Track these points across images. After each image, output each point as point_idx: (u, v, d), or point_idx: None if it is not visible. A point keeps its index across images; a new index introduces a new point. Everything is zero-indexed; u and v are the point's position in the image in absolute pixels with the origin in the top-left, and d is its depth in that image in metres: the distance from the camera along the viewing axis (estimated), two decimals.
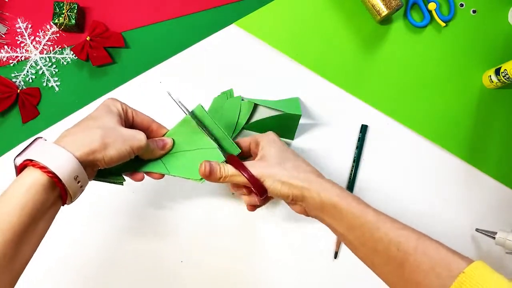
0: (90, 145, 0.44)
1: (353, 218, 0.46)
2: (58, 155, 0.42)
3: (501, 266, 0.64)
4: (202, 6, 0.68)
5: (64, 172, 0.41)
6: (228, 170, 0.49)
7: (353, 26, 0.68)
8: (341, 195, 0.47)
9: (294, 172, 0.49)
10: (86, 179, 0.45)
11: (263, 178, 0.48)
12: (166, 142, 0.53)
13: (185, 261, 0.64)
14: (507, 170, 0.66)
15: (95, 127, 0.45)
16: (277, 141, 0.53)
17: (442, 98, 0.67)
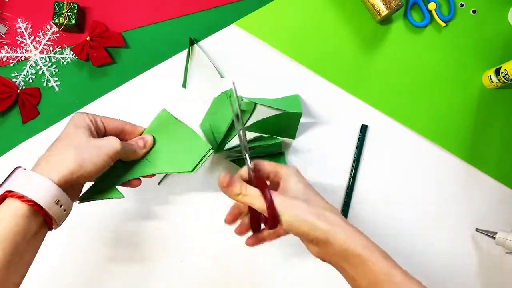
0: (66, 167, 0.44)
1: (380, 274, 0.43)
2: (36, 182, 0.42)
3: (501, 266, 0.65)
4: (202, 6, 0.68)
5: (44, 199, 0.41)
6: (247, 188, 0.46)
7: (353, 26, 0.68)
8: (368, 247, 0.44)
9: (320, 210, 0.45)
10: (69, 202, 0.45)
11: (284, 209, 0.44)
12: (146, 140, 0.53)
13: (185, 261, 0.64)
14: (507, 170, 0.66)
15: (67, 147, 0.45)
16: (301, 176, 0.49)
17: (442, 98, 0.67)
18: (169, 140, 0.54)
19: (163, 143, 0.53)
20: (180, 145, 0.53)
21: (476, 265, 0.65)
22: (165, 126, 0.54)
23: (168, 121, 0.54)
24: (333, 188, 0.66)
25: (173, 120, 0.54)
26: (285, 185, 0.48)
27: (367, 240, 0.45)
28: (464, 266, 0.65)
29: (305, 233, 0.44)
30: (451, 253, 0.65)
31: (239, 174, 0.50)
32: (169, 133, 0.54)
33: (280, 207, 0.44)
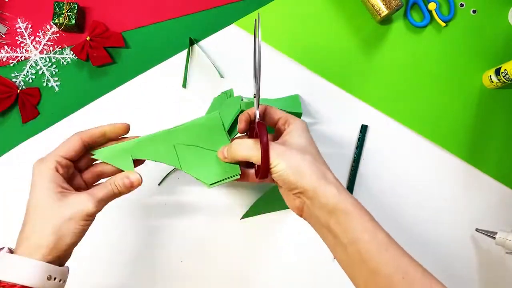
0: (46, 246, 0.42)
1: (363, 231, 0.42)
2: (22, 267, 0.41)
3: (501, 266, 0.65)
4: (202, 6, 0.68)
5: (35, 281, 0.41)
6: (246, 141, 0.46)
7: (353, 26, 0.68)
8: (356, 205, 0.43)
9: (313, 166, 0.44)
10: (63, 272, 0.44)
11: (277, 160, 0.43)
12: (132, 179, 0.48)
13: (185, 261, 0.64)
14: (507, 170, 0.66)
15: (41, 224, 0.43)
16: (307, 131, 0.48)
17: (442, 98, 0.67)
18: (204, 143, 0.51)
19: (197, 142, 0.51)
20: (212, 155, 0.51)
21: (476, 265, 0.65)
22: (211, 130, 0.51)
23: (215, 126, 0.51)
24: None
25: (220, 128, 0.52)
26: (289, 135, 0.47)
27: (356, 200, 0.44)
28: (464, 266, 0.65)
29: (293, 183, 0.43)
30: (451, 253, 0.65)
31: (244, 118, 0.50)
32: (209, 136, 0.51)
33: (274, 155, 0.43)
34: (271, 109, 0.50)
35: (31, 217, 0.44)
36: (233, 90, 0.66)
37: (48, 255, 0.42)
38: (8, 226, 0.65)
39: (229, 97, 0.66)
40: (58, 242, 0.43)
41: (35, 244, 0.43)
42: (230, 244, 0.65)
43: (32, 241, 0.43)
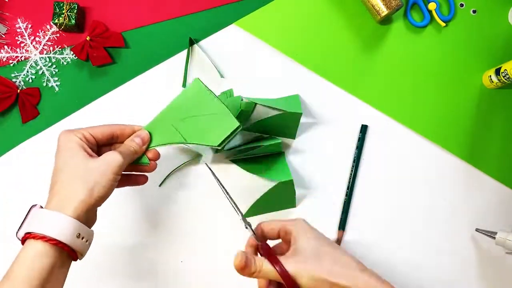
0: (77, 198, 0.44)
1: None
2: (54, 220, 0.43)
3: (501, 266, 0.65)
4: (202, 6, 0.68)
5: (65, 235, 0.42)
6: (262, 264, 0.44)
7: (353, 26, 0.68)
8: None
9: (335, 266, 0.43)
10: (89, 232, 0.45)
11: (299, 275, 0.43)
12: (142, 136, 0.51)
13: (185, 261, 0.64)
14: (507, 170, 0.66)
15: (71, 178, 0.45)
16: (311, 229, 0.47)
17: (442, 98, 0.67)
18: (197, 111, 0.52)
19: (191, 113, 0.52)
20: (209, 118, 0.52)
21: (476, 265, 0.65)
22: (196, 96, 0.52)
23: (199, 92, 0.52)
24: (333, 188, 0.66)
25: (205, 91, 0.52)
26: (296, 244, 0.46)
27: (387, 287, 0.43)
28: (464, 266, 0.65)
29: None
30: (451, 253, 0.65)
31: (249, 243, 0.49)
32: (199, 104, 0.52)
33: (295, 274, 0.43)
34: (265, 226, 0.49)
35: (60, 176, 0.45)
36: (233, 90, 0.66)
37: (79, 209, 0.43)
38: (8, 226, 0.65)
39: (229, 97, 0.66)
40: (89, 194, 0.44)
41: (66, 197, 0.44)
42: (230, 244, 0.65)
43: (63, 195, 0.44)
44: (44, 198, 0.66)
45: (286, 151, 0.66)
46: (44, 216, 0.43)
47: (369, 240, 0.65)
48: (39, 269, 0.41)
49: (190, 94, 0.53)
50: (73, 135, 0.47)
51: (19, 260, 0.42)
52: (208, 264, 0.64)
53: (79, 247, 0.44)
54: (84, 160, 0.46)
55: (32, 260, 0.41)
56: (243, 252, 0.45)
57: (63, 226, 0.42)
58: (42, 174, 0.65)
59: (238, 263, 0.45)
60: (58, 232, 0.42)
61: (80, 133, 0.48)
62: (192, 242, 0.65)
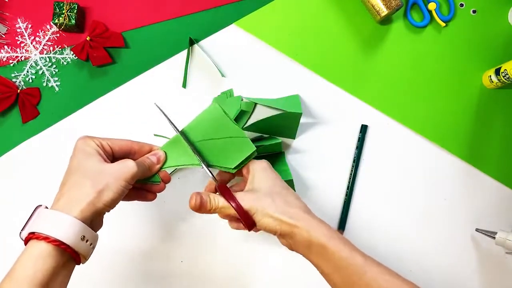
0: (85, 200, 0.43)
1: (340, 259, 0.46)
2: (59, 220, 0.42)
3: (501, 266, 0.65)
4: (202, 6, 0.68)
5: (69, 237, 0.41)
6: (219, 201, 0.48)
7: (353, 26, 0.68)
8: (328, 235, 0.47)
9: (285, 207, 0.48)
10: (94, 235, 0.45)
11: (253, 211, 0.47)
12: (159, 155, 0.52)
13: (185, 261, 0.64)
14: (507, 170, 0.66)
15: (82, 179, 0.44)
16: (269, 171, 0.52)
17: (442, 98, 0.67)
18: (214, 133, 0.53)
19: (209, 135, 0.53)
20: (226, 142, 0.53)
21: (476, 265, 0.65)
22: (214, 120, 0.53)
23: (218, 116, 0.53)
24: (333, 188, 0.66)
25: (223, 116, 0.53)
26: (253, 183, 0.50)
27: (328, 228, 0.48)
28: (464, 266, 0.65)
29: (272, 229, 0.48)
30: (451, 253, 0.65)
31: (208, 186, 0.54)
32: (217, 127, 0.53)
33: (249, 209, 0.47)
34: None
35: (71, 177, 0.45)
36: (233, 90, 0.66)
37: (85, 211, 0.43)
38: (8, 225, 0.65)
39: (229, 97, 0.66)
40: (97, 199, 0.43)
41: (74, 198, 0.43)
42: (230, 244, 0.65)
43: (72, 197, 0.43)
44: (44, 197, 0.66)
45: (286, 151, 0.66)
46: (48, 217, 0.42)
47: (369, 240, 0.65)
48: (41, 271, 0.40)
49: (208, 116, 0.53)
50: (91, 141, 0.48)
51: (21, 260, 0.41)
52: (208, 264, 0.64)
53: (83, 250, 0.43)
54: (98, 163, 0.46)
55: (35, 261, 0.41)
56: (197, 193, 0.48)
57: (67, 227, 0.42)
58: (42, 174, 0.65)
59: (193, 203, 0.48)
60: (63, 233, 0.41)
61: (98, 140, 0.48)
62: (192, 242, 0.65)
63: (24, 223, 0.44)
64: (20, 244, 0.43)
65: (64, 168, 0.47)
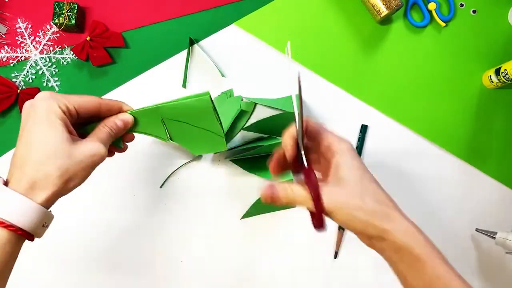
0: (51, 189, 0.40)
1: (436, 278, 0.40)
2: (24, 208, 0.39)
3: (501, 266, 0.65)
4: (202, 6, 0.68)
5: (32, 225, 0.39)
6: (295, 194, 0.41)
7: (353, 26, 0.68)
8: (425, 246, 0.41)
9: (376, 205, 0.41)
10: (51, 218, 0.42)
11: (336, 209, 0.40)
12: (126, 120, 0.47)
13: (185, 261, 0.64)
14: (507, 170, 0.66)
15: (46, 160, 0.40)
16: (356, 157, 0.43)
17: (442, 98, 0.67)
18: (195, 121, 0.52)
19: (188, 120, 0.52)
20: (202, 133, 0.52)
21: (476, 265, 0.65)
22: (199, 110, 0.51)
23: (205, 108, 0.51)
24: None
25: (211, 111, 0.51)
26: (339, 172, 0.41)
27: (425, 239, 0.42)
28: (464, 266, 0.65)
29: (359, 231, 0.41)
30: (451, 253, 0.65)
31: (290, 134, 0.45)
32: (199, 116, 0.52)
33: (333, 209, 0.40)
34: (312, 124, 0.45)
35: (33, 152, 0.40)
36: (233, 90, 0.66)
37: (50, 200, 0.40)
38: None
39: (229, 97, 0.66)
40: (64, 186, 0.40)
41: (38, 183, 0.39)
42: (230, 244, 0.65)
43: (35, 178, 0.39)
44: None
45: None
46: (13, 200, 0.39)
47: None
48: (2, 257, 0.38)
49: (194, 104, 0.52)
50: (56, 105, 0.41)
51: None
52: (208, 264, 0.64)
53: (40, 234, 0.41)
54: (65, 143, 0.41)
55: None
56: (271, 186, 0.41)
57: (33, 215, 0.39)
58: None
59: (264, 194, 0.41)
60: (27, 221, 0.38)
61: (63, 103, 0.42)
62: (192, 242, 0.65)
63: None
64: None
65: None
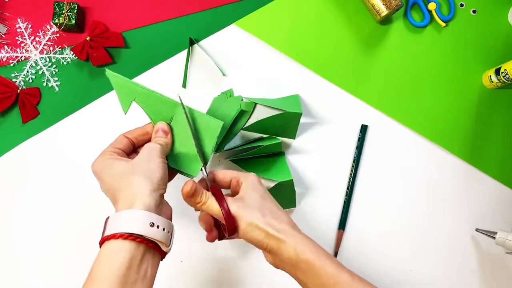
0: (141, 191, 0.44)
1: (327, 277, 0.45)
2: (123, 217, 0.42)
3: (501, 266, 0.65)
4: (202, 6, 0.68)
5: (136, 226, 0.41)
6: (209, 198, 0.48)
7: (353, 26, 0.68)
8: (315, 252, 0.46)
9: (274, 221, 0.47)
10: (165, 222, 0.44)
11: (239, 217, 0.46)
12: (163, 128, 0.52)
13: (185, 261, 0.64)
14: (507, 170, 0.66)
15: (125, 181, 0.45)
16: (259, 185, 0.51)
17: (442, 98, 0.67)
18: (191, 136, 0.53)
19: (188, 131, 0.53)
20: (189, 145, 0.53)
21: (476, 265, 0.65)
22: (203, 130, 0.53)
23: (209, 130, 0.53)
24: (333, 188, 0.66)
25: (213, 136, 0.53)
26: (243, 193, 0.49)
27: (315, 246, 0.47)
28: (464, 266, 0.65)
29: (259, 242, 0.47)
30: (451, 253, 0.65)
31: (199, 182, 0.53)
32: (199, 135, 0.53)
33: (236, 215, 0.46)
34: (218, 173, 0.53)
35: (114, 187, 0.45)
36: (233, 90, 0.66)
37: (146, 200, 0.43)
38: (8, 225, 0.65)
39: (229, 97, 0.66)
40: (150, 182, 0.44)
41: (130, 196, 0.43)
42: (230, 244, 0.65)
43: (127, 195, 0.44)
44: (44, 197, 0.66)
45: (286, 151, 0.66)
46: (114, 219, 0.43)
47: (369, 240, 0.65)
48: (116, 264, 0.40)
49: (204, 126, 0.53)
50: (101, 158, 0.48)
51: (96, 261, 0.41)
52: (208, 264, 0.64)
53: (157, 236, 0.42)
54: (125, 162, 0.47)
55: (107, 257, 0.41)
56: (193, 181, 0.48)
57: (132, 219, 0.42)
58: (42, 174, 0.65)
59: (187, 189, 0.47)
60: (129, 226, 0.41)
61: (106, 152, 0.49)
62: (192, 242, 0.65)
63: None
64: None
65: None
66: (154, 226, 0.42)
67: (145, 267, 0.42)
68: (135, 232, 0.41)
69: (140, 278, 0.41)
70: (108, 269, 0.40)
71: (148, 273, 0.42)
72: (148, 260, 0.42)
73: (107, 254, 0.41)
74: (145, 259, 0.42)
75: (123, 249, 0.41)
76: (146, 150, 0.48)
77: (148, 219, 0.42)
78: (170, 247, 0.45)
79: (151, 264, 0.43)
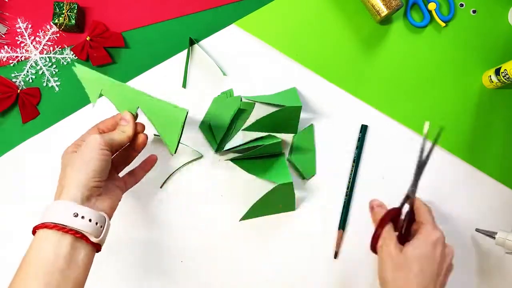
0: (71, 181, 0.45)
1: None
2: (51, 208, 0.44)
3: (501, 266, 0.65)
4: (202, 6, 0.68)
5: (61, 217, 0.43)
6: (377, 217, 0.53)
7: (353, 26, 0.68)
8: None
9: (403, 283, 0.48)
10: (96, 213, 0.45)
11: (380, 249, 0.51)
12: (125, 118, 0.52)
13: (185, 261, 0.64)
14: (507, 170, 0.66)
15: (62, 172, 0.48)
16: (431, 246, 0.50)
17: (442, 98, 0.67)
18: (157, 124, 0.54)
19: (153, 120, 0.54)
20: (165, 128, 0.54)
21: (476, 265, 0.65)
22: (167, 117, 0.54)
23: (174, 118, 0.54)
24: (333, 188, 0.66)
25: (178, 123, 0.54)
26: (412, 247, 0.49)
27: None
28: (464, 266, 0.65)
29: None
30: None
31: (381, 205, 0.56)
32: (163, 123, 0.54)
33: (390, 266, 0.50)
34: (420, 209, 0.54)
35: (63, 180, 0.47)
36: (233, 90, 0.66)
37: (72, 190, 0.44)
38: (8, 225, 0.65)
39: (229, 97, 0.66)
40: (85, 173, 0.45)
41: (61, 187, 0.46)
42: (230, 244, 0.65)
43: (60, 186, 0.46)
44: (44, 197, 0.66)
45: (286, 151, 0.66)
46: (46, 209, 0.44)
47: (369, 240, 0.65)
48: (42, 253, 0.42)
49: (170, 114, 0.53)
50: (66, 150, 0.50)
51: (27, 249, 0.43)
52: (208, 264, 0.64)
53: (82, 227, 0.43)
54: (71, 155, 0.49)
55: (35, 246, 0.42)
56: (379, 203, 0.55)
57: (56, 210, 0.43)
58: (42, 174, 0.65)
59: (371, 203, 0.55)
60: (53, 216, 0.43)
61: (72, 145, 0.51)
62: (192, 242, 0.65)
63: None
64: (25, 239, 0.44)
65: None
66: (78, 216, 0.43)
67: (76, 257, 0.43)
68: (59, 222, 0.42)
69: (70, 267, 0.42)
70: (34, 257, 0.42)
71: (79, 262, 0.43)
72: (79, 250, 0.43)
73: (35, 243, 0.43)
74: (76, 249, 0.43)
75: (48, 239, 0.42)
76: (87, 142, 0.48)
77: (72, 210, 0.43)
78: (102, 239, 0.46)
79: (83, 254, 0.44)
